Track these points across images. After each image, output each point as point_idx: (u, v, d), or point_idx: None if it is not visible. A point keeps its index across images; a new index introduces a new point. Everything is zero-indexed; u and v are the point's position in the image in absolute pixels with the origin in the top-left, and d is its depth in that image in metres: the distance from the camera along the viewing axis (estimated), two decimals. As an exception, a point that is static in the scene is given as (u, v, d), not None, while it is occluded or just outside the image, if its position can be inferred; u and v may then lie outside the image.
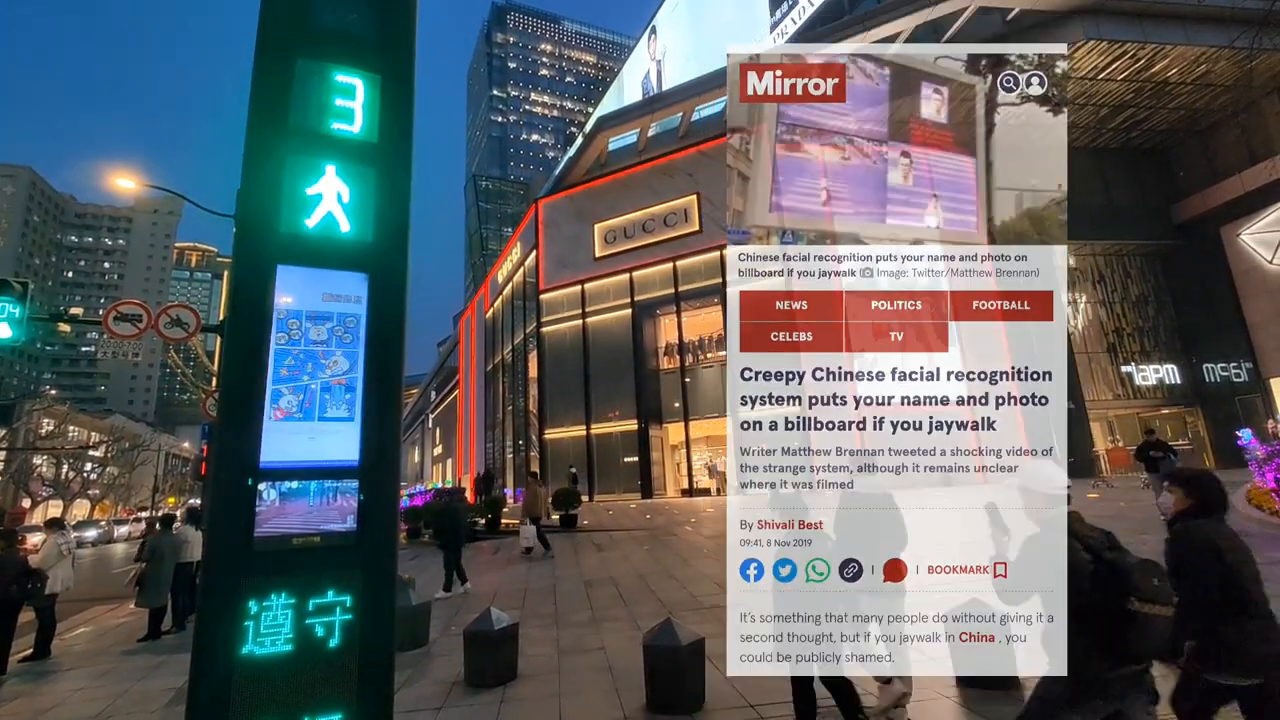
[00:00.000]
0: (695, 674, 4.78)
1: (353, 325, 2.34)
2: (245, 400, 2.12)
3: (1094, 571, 2.57)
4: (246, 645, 1.96)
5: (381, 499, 2.21)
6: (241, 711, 1.93)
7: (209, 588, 1.96)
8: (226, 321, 2.16)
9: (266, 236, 2.27)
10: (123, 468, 59.37)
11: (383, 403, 2.30)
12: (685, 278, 24.89)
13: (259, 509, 2.06)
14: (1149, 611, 2.39)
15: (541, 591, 9.37)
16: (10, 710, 5.80)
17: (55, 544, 7.71)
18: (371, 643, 2.10)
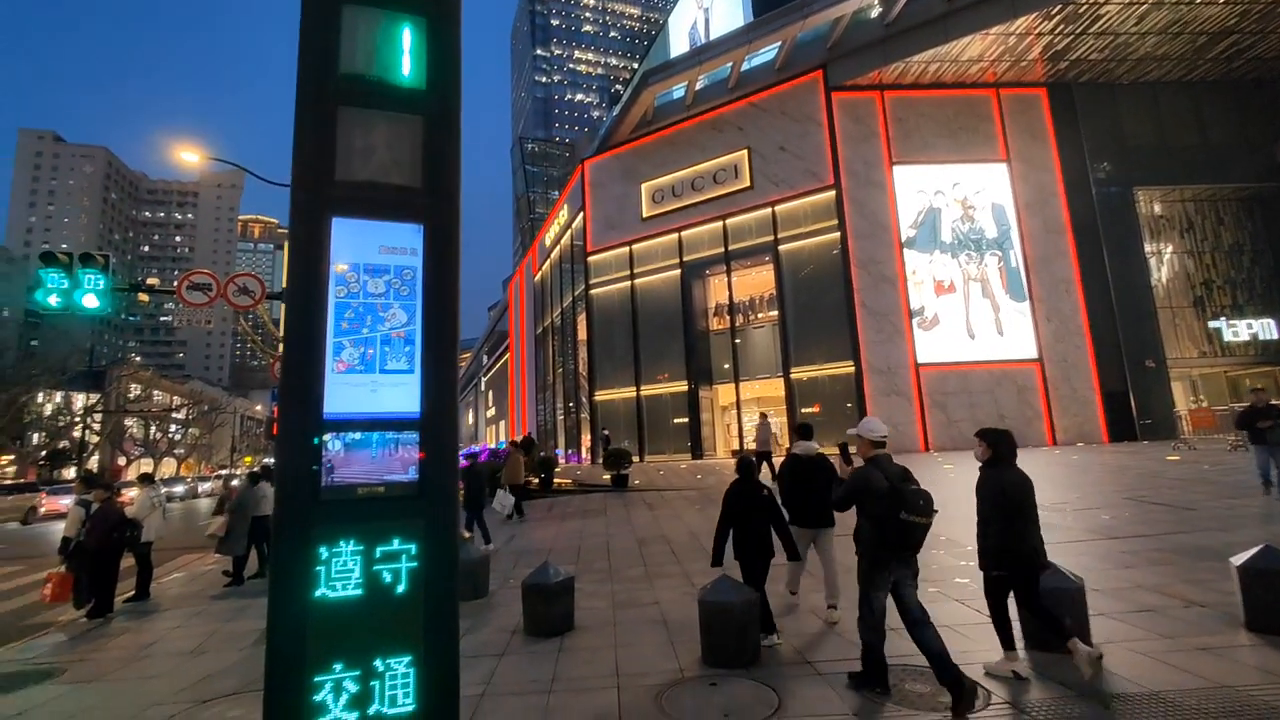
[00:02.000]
0: (751, 631, 4.79)
1: (409, 278, 2.32)
2: (308, 352, 2.14)
3: (885, 492, 3.97)
4: (319, 589, 2.02)
5: (441, 451, 2.22)
6: (318, 651, 1.99)
7: (281, 534, 2.02)
8: (287, 274, 2.17)
9: (321, 189, 2.26)
10: (203, 429, 63.64)
11: (440, 356, 2.29)
12: (735, 236, 24.33)
13: (325, 459, 2.09)
14: (914, 520, 3.87)
15: (596, 548, 9.57)
16: (119, 644, 6.36)
17: (148, 497, 8.33)
18: (436, 589, 2.14)
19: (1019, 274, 21.49)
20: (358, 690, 2.02)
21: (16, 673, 5.56)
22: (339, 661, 2.02)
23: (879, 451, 4.23)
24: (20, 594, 9.48)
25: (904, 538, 3.91)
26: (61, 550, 7.36)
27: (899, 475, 4.03)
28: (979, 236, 21.74)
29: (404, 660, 2.08)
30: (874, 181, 21.84)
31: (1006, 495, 4.17)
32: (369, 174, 2.35)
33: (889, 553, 3.98)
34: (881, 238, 21.53)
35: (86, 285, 11.45)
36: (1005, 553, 4.19)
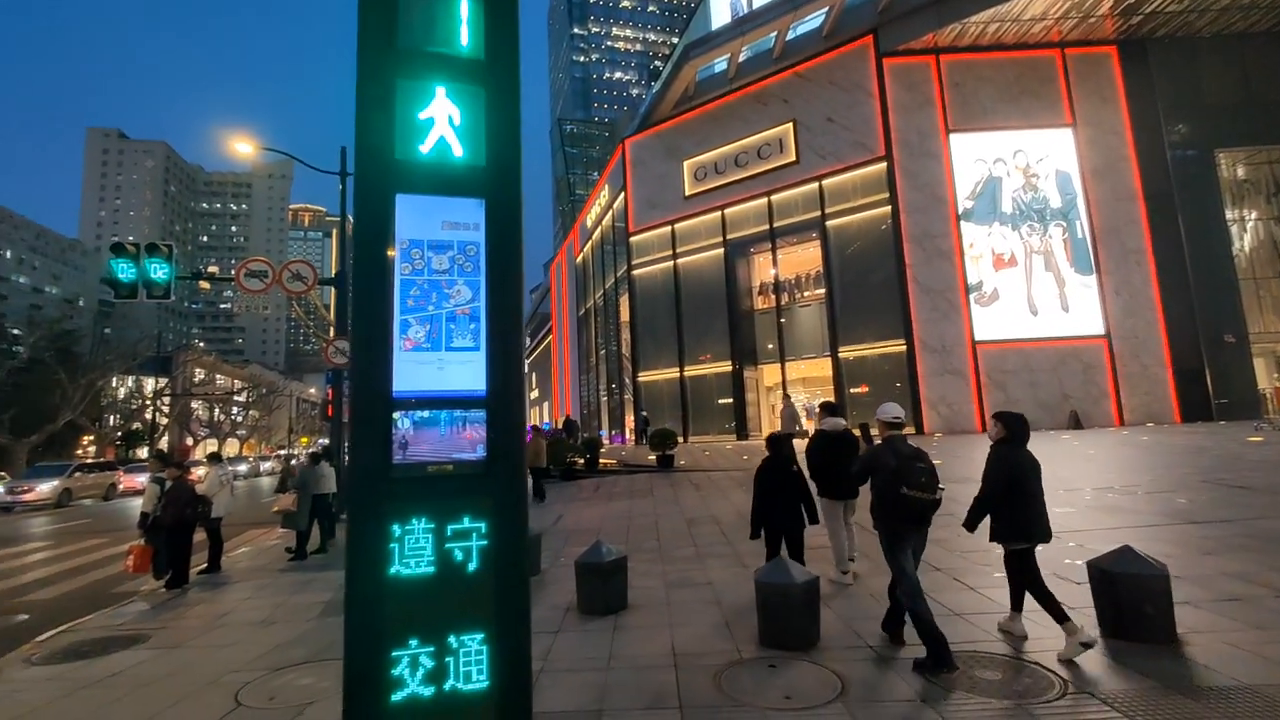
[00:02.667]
0: (809, 612, 4.70)
1: (473, 253, 2.28)
2: (376, 330, 2.13)
3: (893, 469, 4.27)
4: (393, 566, 2.02)
5: (508, 429, 2.18)
6: (393, 627, 2.01)
7: (356, 511, 2.02)
8: (354, 253, 2.15)
9: (384, 165, 2.22)
10: (262, 411, 66.68)
11: (506, 332, 2.24)
12: (781, 212, 23.79)
13: (395, 437, 2.08)
14: (914, 495, 4.17)
15: (644, 528, 9.59)
16: (196, 613, 6.72)
17: (217, 475, 8.73)
18: (507, 568, 2.12)
19: (1085, 245, 20.38)
20: (433, 666, 2.03)
21: (108, 638, 5.93)
22: (414, 637, 2.02)
23: (894, 432, 4.61)
24: (106, 564, 10.12)
25: (906, 510, 4.23)
26: (140, 524, 7.79)
27: (909, 454, 4.34)
28: (1042, 206, 20.67)
29: (476, 638, 2.07)
30: (928, 151, 20.95)
31: (1023, 471, 4.36)
32: (430, 149, 2.30)
33: (899, 524, 4.32)
34: (936, 210, 20.70)
35: (153, 273, 12.04)
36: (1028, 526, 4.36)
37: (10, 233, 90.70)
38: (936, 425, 19.78)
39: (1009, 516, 4.37)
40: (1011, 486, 4.34)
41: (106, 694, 4.57)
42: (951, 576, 6.02)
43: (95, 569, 9.90)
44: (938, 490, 4.25)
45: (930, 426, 19.79)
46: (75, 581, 9.09)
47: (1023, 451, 4.44)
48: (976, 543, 7.11)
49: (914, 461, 4.26)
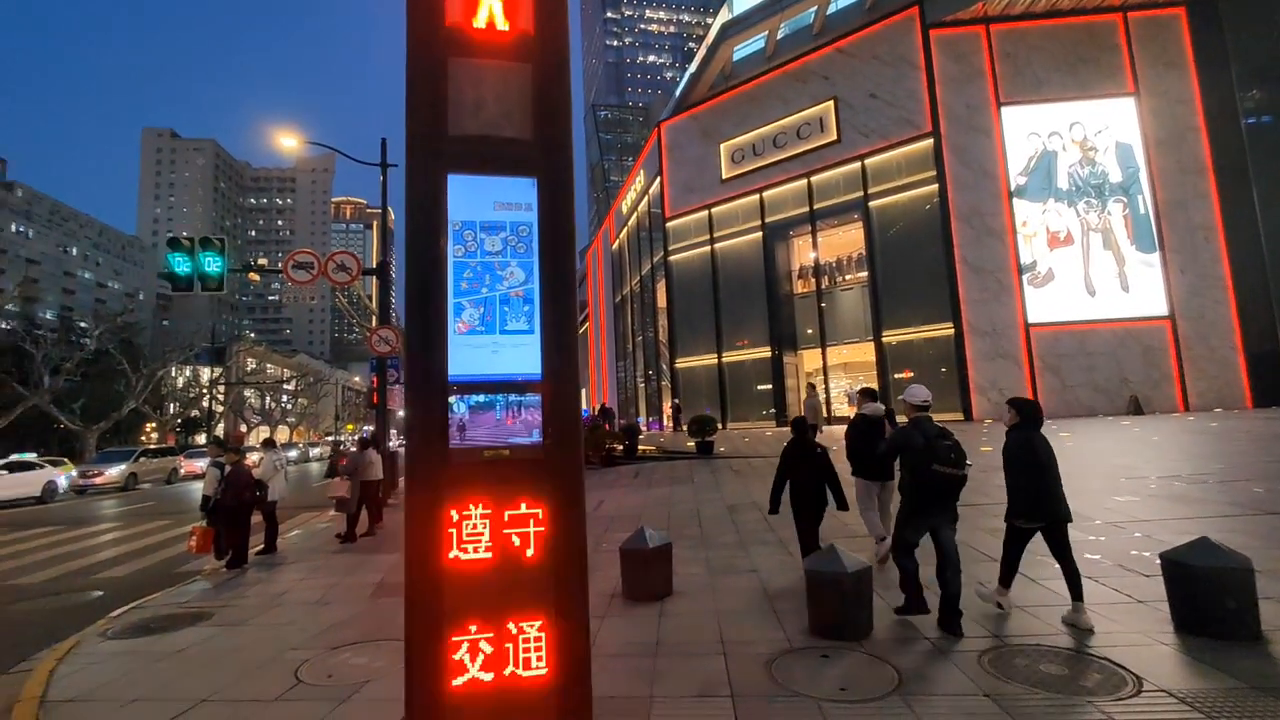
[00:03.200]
0: (862, 602, 4.57)
1: (525, 234, 2.22)
2: (430, 314, 2.10)
3: (921, 448, 4.50)
4: (452, 550, 2.00)
5: (564, 413, 2.13)
6: (453, 611, 1.99)
7: (414, 496, 2.00)
8: (406, 236, 2.12)
9: (435, 146, 2.18)
10: (310, 399, 69.02)
11: (560, 314, 2.19)
12: (821, 194, 23.23)
13: (451, 421, 2.06)
14: (944, 472, 4.37)
15: (686, 515, 9.54)
16: (255, 592, 6.97)
17: (271, 460, 9.03)
18: (565, 555, 2.08)
19: (1148, 221, 19.32)
20: (492, 651, 2.01)
21: (175, 614, 6.20)
22: (474, 622, 2.00)
23: (920, 414, 4.86)
24: (171, 545, 10.60)
25: (935, 486, 4.49)
26: (202, 507, 8.12)
27: (935, 433, 4.60)
28: (1101, 181, 19.65)
29: (535, 624, 2.04)
30: (978, 126, 20.11)
31: (1037, 454, 4.46)
32: (480, 128, 2.26)
33: (926, 500, 4.57)
34: (986, 187, 19.90)
35: (206, 266, 12.47)
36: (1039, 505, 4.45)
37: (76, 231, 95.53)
38: (986, 411, 19.15)
39: (1023, 495, 4.50)
40: (1027, 468, 4.47)
41: (174, 668, 4.76)
42: (1009, 567, 5.78)
43: (161, 549, 10.39)
44: (965, 465, 4.48)
45: (979, 413, 19.18)
46: (143, 560, 9.56)
47: (1036, 435, 4.55)
48: (1034, 532, 6.85)
49: (941, 440, 4.52)
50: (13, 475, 19.11)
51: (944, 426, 4.72)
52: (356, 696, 4.05)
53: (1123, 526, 6.86)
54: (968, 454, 4.60)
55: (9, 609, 7.12)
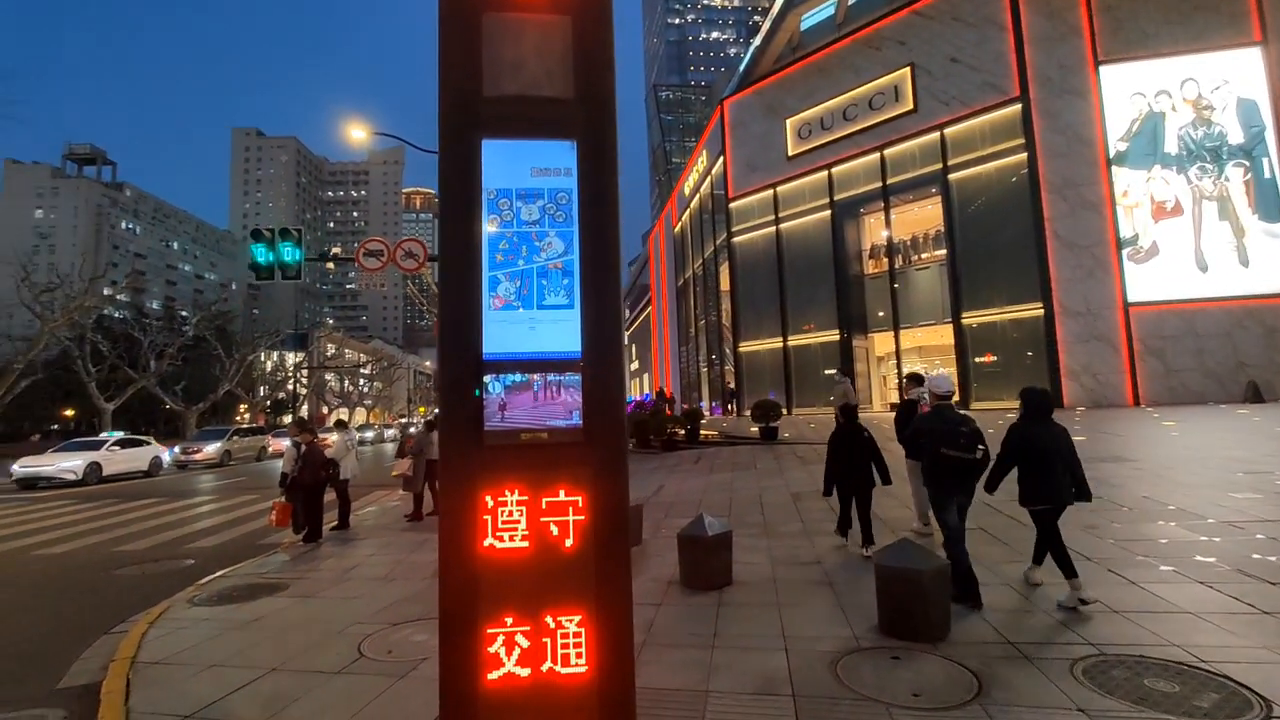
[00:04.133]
0: (939, 601, 4.24)
1: (564, 202, 2.06)
2: (464, 288, 1.97)
3: (939, 433, 4.84)
4: (486, 539, 1.88)
5: (606, 393, 1.97)
6: (487, 602, 1.88)
7: (448, 481, 1.90)
8: (439, 206, 1.99)
9: (469, 109, 2.04)
10: (384, 383, 72.41)
11: (601, 289, 2.02)
12: (895, 168, 22.04)
13: (486, 402, 1.93)
14: (954, 455, 4.74)
15: (748, 502, 9.30)
16: (328, 566, 7.28)
17: (343, 441, 9.41)
18: (607, 546, 1.93)
19: (1274, 186, 17.24)
20: (529, 646, 1.88)
21: (255, 584, 6.54)
22: (510, 615, 1.89)
23: (941, 402, 5.24)
24: (256, 518, 11.27)
25: (948, 468, 4.82)
26: (281, 484, 8.55)
27: (954, 420, 4.96)
28: (1217, 144, 17.67)
29: (575, 619, 1.90)
30: (1072, 88, 18.47)
31: (1032, 443, 4.71)
32: (518, 88, 2.09)
33: (943, 481, 4.89)
34: (1082, 155, 18.29)
35: (284, 255, 13.11)
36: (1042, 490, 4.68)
37: (177, 227, 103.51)
38: (1079, 399, 17.78)
39: (1027, 482, 4.74)
40: (1026, 456, 4.72)
41: (250, 637, 4.99)
42: (1107, 568, 5.27)
43: (248, 522, 11.07)
44: (977, 451, 4.81)
45: (1071, 400, 17.82)
46: (232, 532, 10.20)
47: (1036, 424, 4.80)
48: (1135, 529, 6.25)
49: (958, 426, 4.88)
50: (124, 451, 20.94)
51: (965, 415, 5.16)
52: (413, 674, 4.09)
53: (1241, 527, 6.13)
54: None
55: (114, 574, 7.74)
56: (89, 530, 10.77)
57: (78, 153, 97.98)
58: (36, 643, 5.39)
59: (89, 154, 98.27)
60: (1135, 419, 14.76)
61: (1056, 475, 4.64)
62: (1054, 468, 4.64)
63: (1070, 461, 4.66)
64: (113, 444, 20.95)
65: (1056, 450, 4.65)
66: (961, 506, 4.90)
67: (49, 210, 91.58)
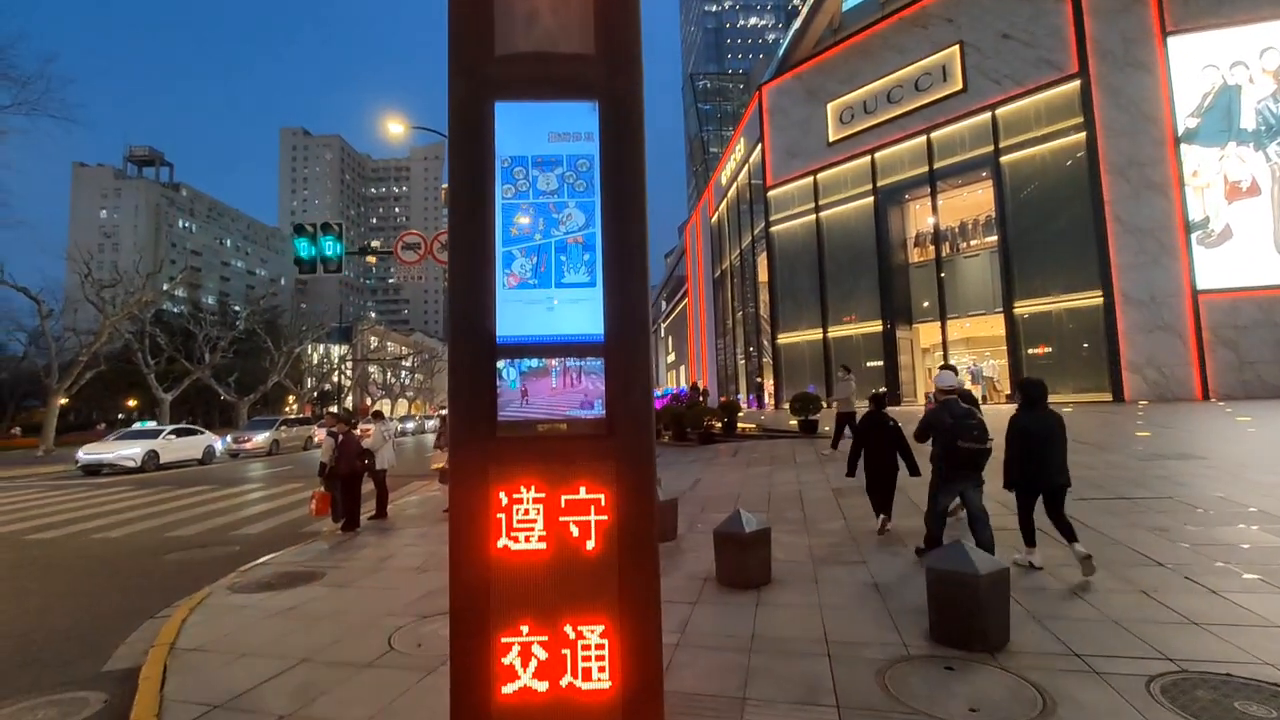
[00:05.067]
0: (997, 609, 3.93)
1: (585, 169, 1.86)
2: (475, 264, 1.80)
3: (949, 427, 5.22)
4: (500, 539, 1.71)
5: (632, 381, 1.77)
6: (500, 609, 1.72)
7: (456, 474, 1.73)
8: (449, 175, 1.82)
9: (480, 69, 1.86)
10: (425, 375, 73.90)
11: (626, 264, 1.82)
12: (943, 151, 21.17)
13: (499, 390, 1.76)
14: (966, 447, 5.12)
15: (787, 497, 9.01)
16: (363, 555, 7.32)
17: (380, 431, 9.49)
18: (632, 548, 1.74)
19: (1364, 163, 15.89)
20: (547, 658, 1.71)
21: (293, 572, 6.61)
22: (525, 623, 1.72)
23: (947, 397, 5.55)
24: (299, 507, 11.50)
25: (961, 459, 5.17)
26: (320, 473, 8.66)
27: (961, 414, 5.24)
28: (1301, 117, 16.37)
29: (597, 629, 1.72)
30: (1137, 61, 17.36)
31: (1024, 431, 5.07)
32: (533, 44, 1.91)
33: (954, 472, 5.24)
34: (1146, 133, 17.20)
35: (326, 249, 13.35)
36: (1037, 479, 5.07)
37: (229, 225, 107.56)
38: (1141, 392, 16.79)
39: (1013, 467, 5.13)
40: (1020, 443, 5.08)
41: (283, 626, 5.00)
42: (1183, 575, 4.85)
43: (291, 510, 11.31)
44: (987, 441, 5.13)
45: (1132, 393, 16.85)
46: (276, 520, 10.43)
47: (1030, 414, 5.14)
48: (1211, 533, 5.77)
49: (966, 419, 5.19)
50: (180, 439, 21.81)
51: (970, 408, 5.42)
52: (441, 669, 4.00)
53: (1332, 532, 5.59)
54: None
55: (164, 558, 7.97)
56: (144, 516, 11.17)
57: (138, 155, 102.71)
58: (88, 625, 5.54)
59: (148, 156, 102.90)
60: (1205, 413, 13.83)
61: (1041, 462, 5.04)
62: (1041, 454, 5.04)
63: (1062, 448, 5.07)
64: (169, 433, 21.83)
65: (1046, 438, 5.05)
66: (972, 490, 5.26)
67: (112, 210, 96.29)
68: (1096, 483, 8.16)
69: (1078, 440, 11.82)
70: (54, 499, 14.04)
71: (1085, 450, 10.65)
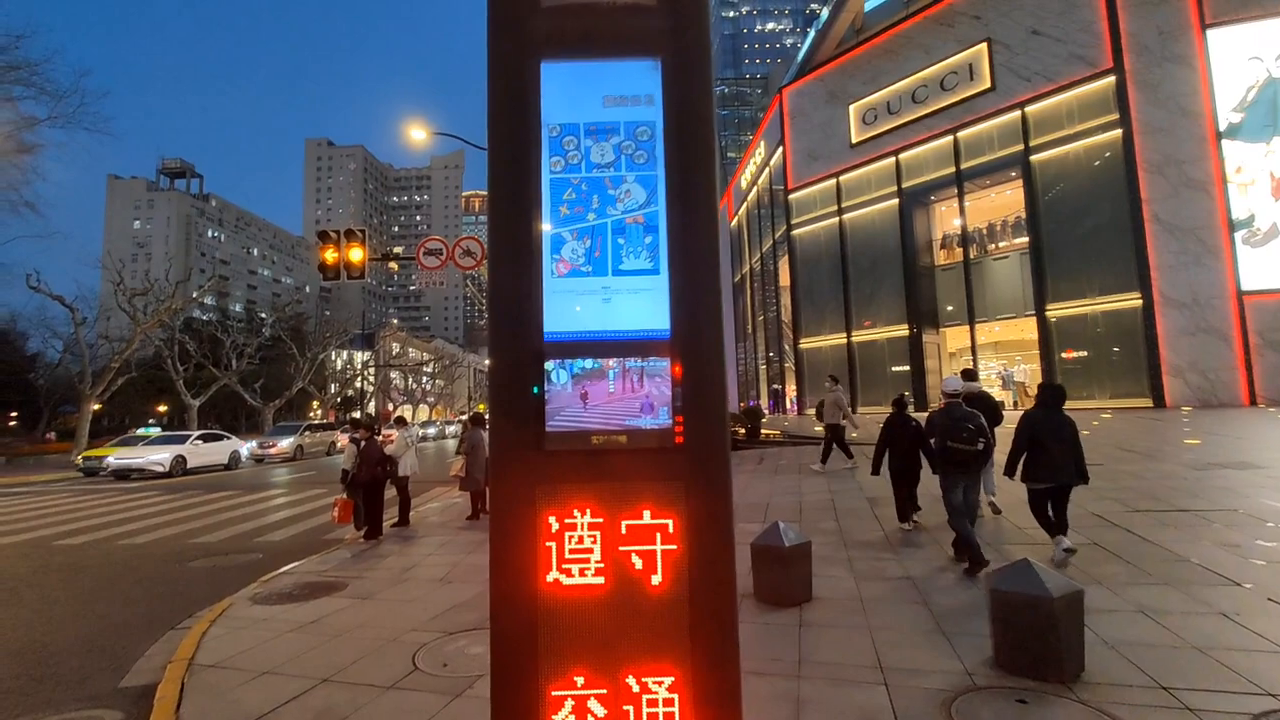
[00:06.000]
0: (1071, 634, 3.59)
1: (646, 138, 1.61)
2: (520, 251, 1.55)
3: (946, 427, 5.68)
4: (550, 572, 1.46)
5: (704, 383, 1.51)
6: (550, 655, 1.46)
7: (499, 495, 1.48)
8: (489, 148, 1.58)
9: (524, 23, 1.62)
10: (446, 380, 74.32)
11: (695, 248, 1.56)
12: (970, 151, 20.67)
13: (548, 396, 1.50)
14: (959, 447, 5.56)
15: (819, 506, 8.68)
16: (386, 564, 7.13)
17: (402, 437, 9.33)
18: (705, 584, 1.47)
19: None
20: (605, 715, 1.45)
21: (315, 583, 6.43)
22: (580, 673, 1.45)
23: (950, 400, 5.91)
24: (323, 513, 11.40)
25: (953, 458, 5.57)
26: (342, 480, 8.51)
27: (960, 417, 5.62)
28: (1354, 109, 15.66)
29: (665, 681, 1.45)
30: (1175, 55, 16.78)
31: (1038, 429, 5.42)
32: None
33: (949, 469, 5.63)
34: (1186, 129, 16.59)
35: (349, 255, 13.32)
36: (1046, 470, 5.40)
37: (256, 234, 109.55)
38: (1184, 397, 16.12)
39: (1032, 464, 5.47)
40: (1032, 441, 5.46)
41: (305, 641, 4.80)
42: (1265, 596, 4.45)
43: (314, 516, 11.20)
44: (979, 443, 5.53)
45: (1174, 398, 16.18)
46: (299, 526, 10.31)
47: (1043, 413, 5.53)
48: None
49: (963, 422, 5.59)
50: (207, 445, 21.96)
51: (972, 412, 5.78)
52: (469, 692, 3.76)
53: None
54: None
55: (189, 565, 7.86)
56: (170, 521, 11.13)
57: (170, 167, 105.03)
58: (108, 636, 5.40)
59: (179, 168, 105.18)
60: (1255, 419, 13.19)
61: (1055, 458, 5.37)
62: (1053, 452, 5.37)
63: (1073, 448, 5.37)
64: (196, 438, 22.00)
65: (1058, 437, 5.39)
66: (967, 489, 5.66)
67: (145, 221, 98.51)
68: (1150, 493, 7.70)
69: (1123, 448, 11.32)
70: (84, 503, 14.13)
71: (1133, 459, 10.16)
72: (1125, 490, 7.93)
